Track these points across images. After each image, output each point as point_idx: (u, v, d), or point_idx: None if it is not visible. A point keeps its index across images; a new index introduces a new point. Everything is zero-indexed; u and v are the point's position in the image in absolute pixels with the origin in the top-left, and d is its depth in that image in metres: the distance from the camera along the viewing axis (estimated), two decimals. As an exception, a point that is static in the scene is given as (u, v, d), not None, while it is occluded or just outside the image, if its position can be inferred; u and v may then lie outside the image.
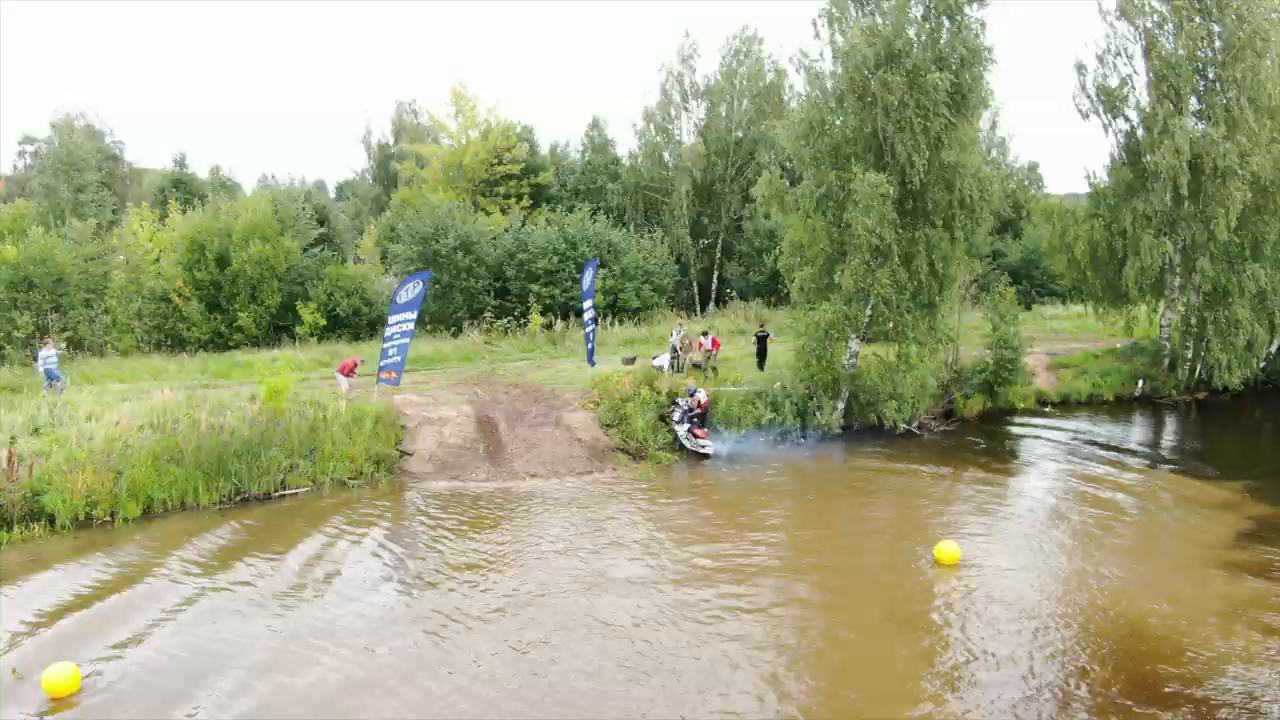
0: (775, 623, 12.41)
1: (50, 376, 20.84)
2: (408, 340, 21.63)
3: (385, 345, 21.21)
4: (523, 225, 36.64)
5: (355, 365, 21.69)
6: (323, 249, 34.89)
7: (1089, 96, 27.39)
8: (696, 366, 24.80)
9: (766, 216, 36.84)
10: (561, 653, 11.43)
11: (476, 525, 16.24)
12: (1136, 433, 24.66)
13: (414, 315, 21.69)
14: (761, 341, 25.99)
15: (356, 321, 31.96)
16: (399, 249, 34.10)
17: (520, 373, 25.85)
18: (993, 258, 43.50)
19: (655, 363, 24.57)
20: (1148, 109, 26.26)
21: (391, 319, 21.11)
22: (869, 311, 22.07)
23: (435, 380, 24.66)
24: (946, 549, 14.49)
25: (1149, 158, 25.59)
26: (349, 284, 32.13)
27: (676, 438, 21.20)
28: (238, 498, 17.31)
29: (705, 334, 24.94)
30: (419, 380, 24.56)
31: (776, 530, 16.35)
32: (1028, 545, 15.43)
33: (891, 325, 22.41)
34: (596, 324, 26.60)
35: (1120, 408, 27.02)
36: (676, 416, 21.36)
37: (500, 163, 41.76)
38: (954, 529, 16.09)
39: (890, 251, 20.91)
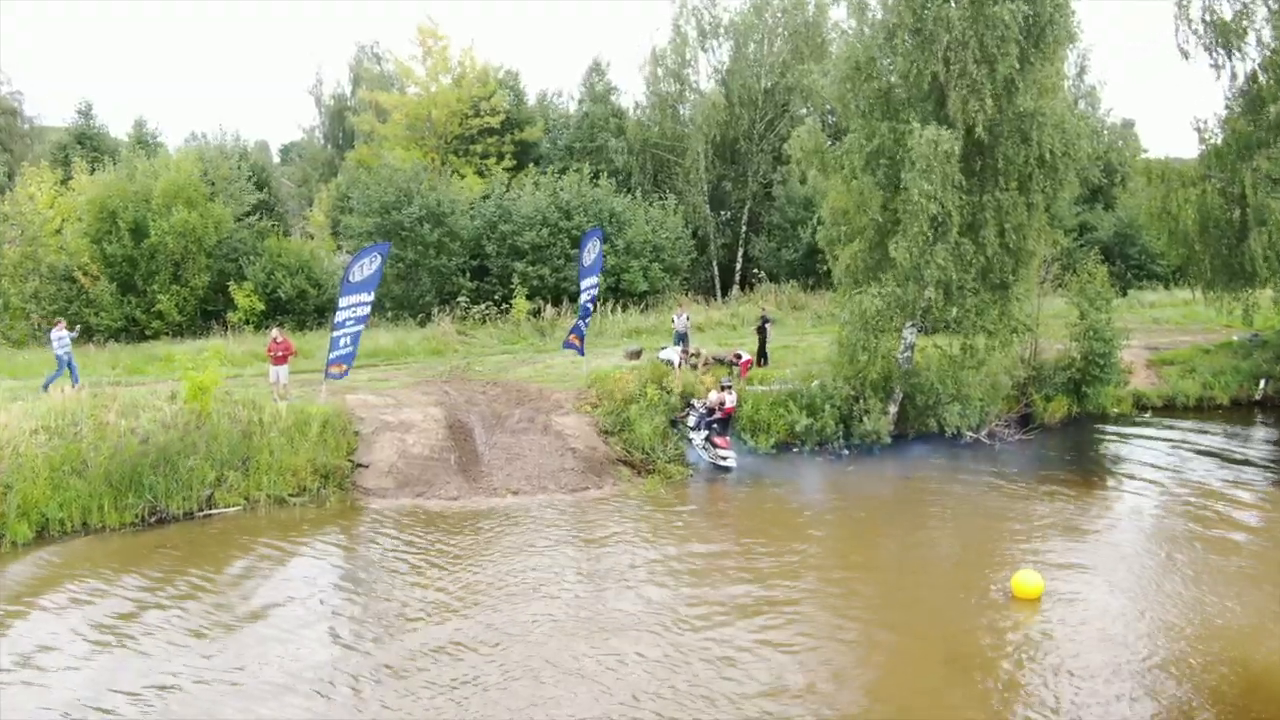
0: (813, 669, 12.24)
1: (61, 363, 20.82)
2: (361, 327, 21.54)
3: (335, 334, 21.09)
4: (506, 190, 36.54)
5: (289, 350, 21.15)
6: (260, 217, 34.87)
7: (1194, 33, 27.06)
8: (718, 361, 24.59)
9: (803, 181, 36.61)
10: (546, 710, 11.23)
11: (444, 553, 16.09)
12: (1257, 443, 24.37)
13: (370, 296, 21.62)
14: (762, 331, 25.79)
15: (302, 306, 31.98)
16: (353, 221, 34.08)
17: (501, 368, 25.79)
18: (1080, 232, 43.27)
19: (662, 356, 24.40)
20: (1273, 44, 25.94)
21: (343, 301, 20.99)
22: (928, 295, 21.87)
23: (397, 377, 24.57)
24: (1025, 580, 14.34)
25: (1275, 107, 25.27)
26: (293, 261, 32.12)
27: (691, 447, 21.06)
28: (153, 518, 17.20)
29: (739, 356, 24.41)
30: (378, 377, 24.48)
31: (813, 559, 16.19)
32: (1124, 577, 15.26)
33: (955, 312, 22.20)
34: (594, 309, 26.32)
35: (1237, 413, 26.78)
36: (692, 421, 21.21)
37: (477, 115, 41.63)
38: (1034, 557, 15.90)
39: (950, 220, 20.71)
